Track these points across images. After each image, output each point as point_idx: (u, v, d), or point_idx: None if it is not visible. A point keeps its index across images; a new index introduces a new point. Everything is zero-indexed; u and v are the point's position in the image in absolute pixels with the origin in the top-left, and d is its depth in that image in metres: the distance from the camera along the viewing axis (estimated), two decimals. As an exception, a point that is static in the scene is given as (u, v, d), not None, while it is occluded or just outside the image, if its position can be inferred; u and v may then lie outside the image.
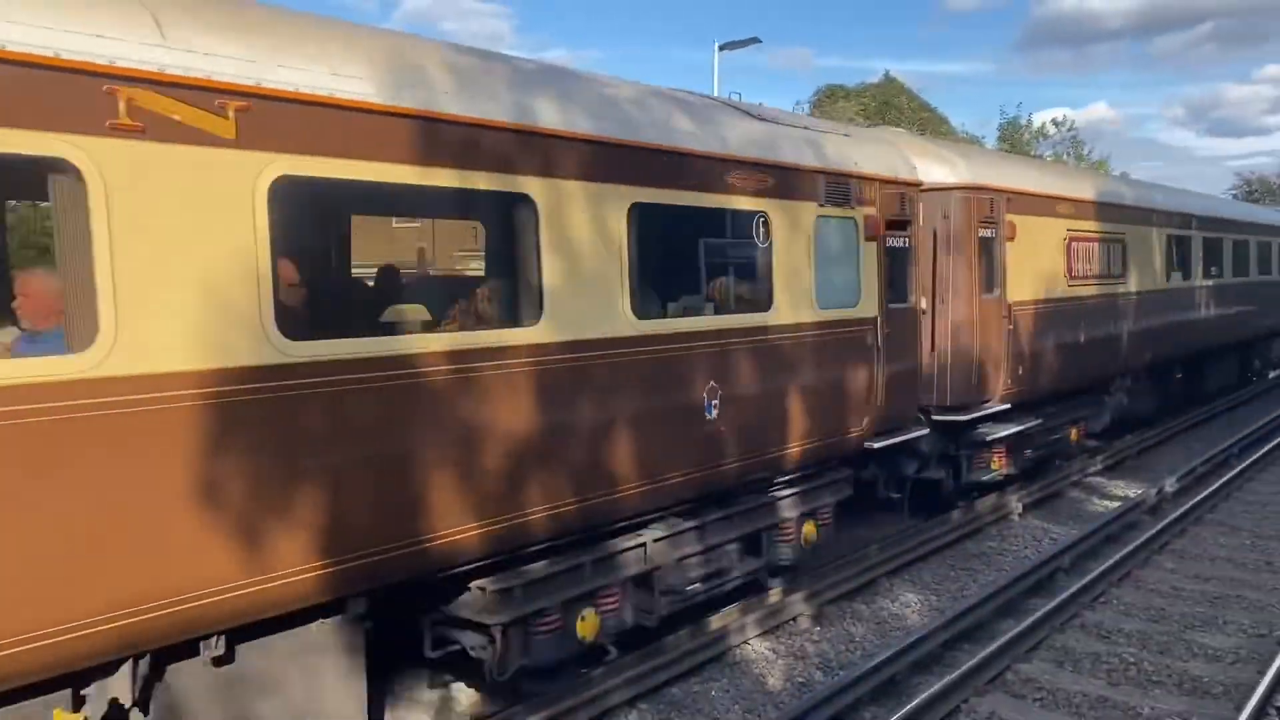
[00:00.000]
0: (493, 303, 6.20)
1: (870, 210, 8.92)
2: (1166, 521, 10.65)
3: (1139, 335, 14.51)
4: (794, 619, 8.24)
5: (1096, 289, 13.36)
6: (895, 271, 9.44)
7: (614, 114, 6.60)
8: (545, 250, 5.87)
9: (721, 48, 23.20)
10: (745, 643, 7.75)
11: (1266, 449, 14.46)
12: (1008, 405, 11.11)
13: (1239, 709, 6.33)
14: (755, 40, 23.09)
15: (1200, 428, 17.15)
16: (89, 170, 4.05)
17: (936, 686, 6.57)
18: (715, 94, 14.09)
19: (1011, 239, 11.10)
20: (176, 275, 4.32)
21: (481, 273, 8.55)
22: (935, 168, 10.47)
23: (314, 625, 5.10)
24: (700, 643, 7.45)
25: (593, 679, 6.85)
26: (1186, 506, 11.27)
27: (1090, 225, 13.16)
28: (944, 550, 10.20)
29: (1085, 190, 13.58)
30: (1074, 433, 13.29)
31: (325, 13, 6.25)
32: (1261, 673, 6.88)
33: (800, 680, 7.23)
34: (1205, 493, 11.89)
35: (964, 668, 6.86)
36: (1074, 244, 12.72)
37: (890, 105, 29.88)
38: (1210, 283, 17.60)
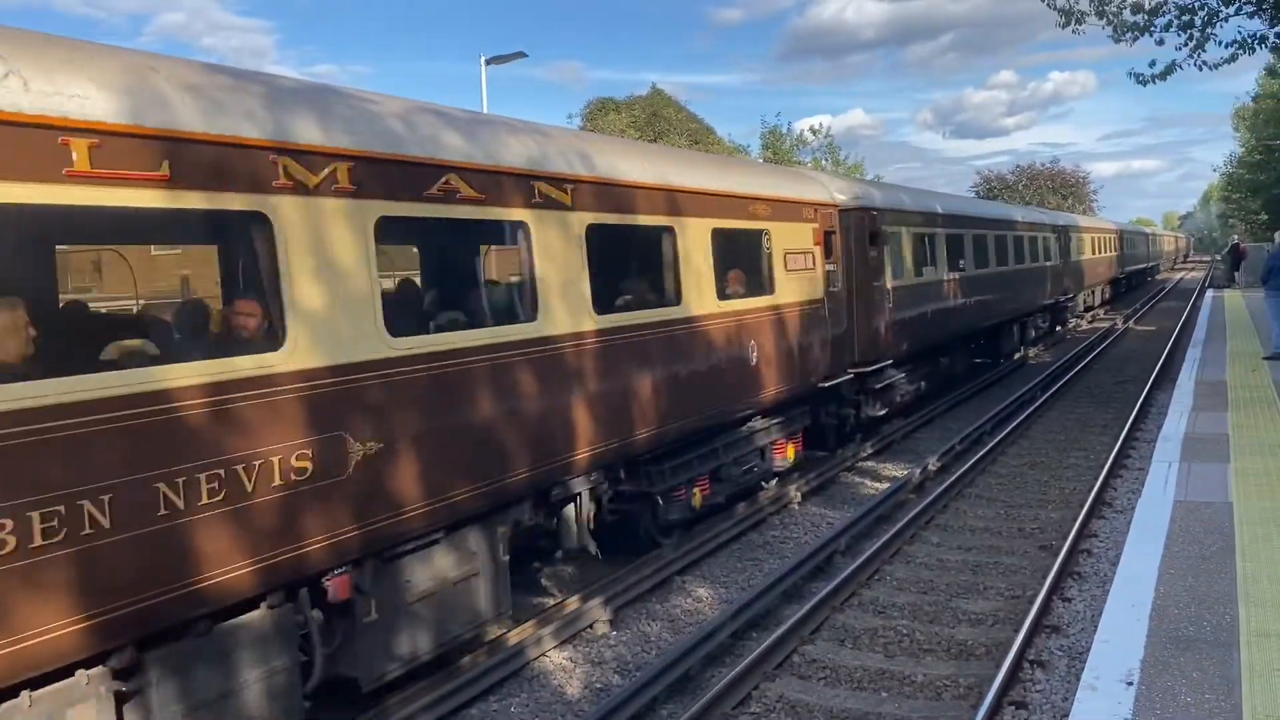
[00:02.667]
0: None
1: (815, 224, 12.46)
2: (930, 499, 11.43)
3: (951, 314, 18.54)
4: (590, 626, 8.30)
5: (932, 279, 17.67)
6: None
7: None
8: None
9: (488, 62, 23.15)
10: (543, 655, 7.74)
11: (1013, 425, 15.75)
12: (889, 361, 14.95)
13: (998, 666, 6.87)
14: (521, 55, 23.16)
15: (957, 409, 18.49)
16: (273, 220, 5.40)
17: (728, 677, 6.79)
18: (484, 108, 13.96)
19: (886, 242, 14.95)
20: (322, 294, 5.65)
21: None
22: (840, 195, 14.03)
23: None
24: (497, 660, 7.39)
25: (388, 707, 6.68)
26: (947, 483, 12.13)
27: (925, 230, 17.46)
28: (731, 543, 10.54)
29: (932, 203, 18.78)
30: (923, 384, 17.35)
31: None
32: (1017, 630, 7.49)
33: (599, 686, 7.30)
34: (963, 469, 12.84)
35: (752, 656, 7.12)
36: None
37: (659, 117, 30.65)
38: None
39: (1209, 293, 38.02)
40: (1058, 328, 30.71)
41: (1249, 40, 18.98)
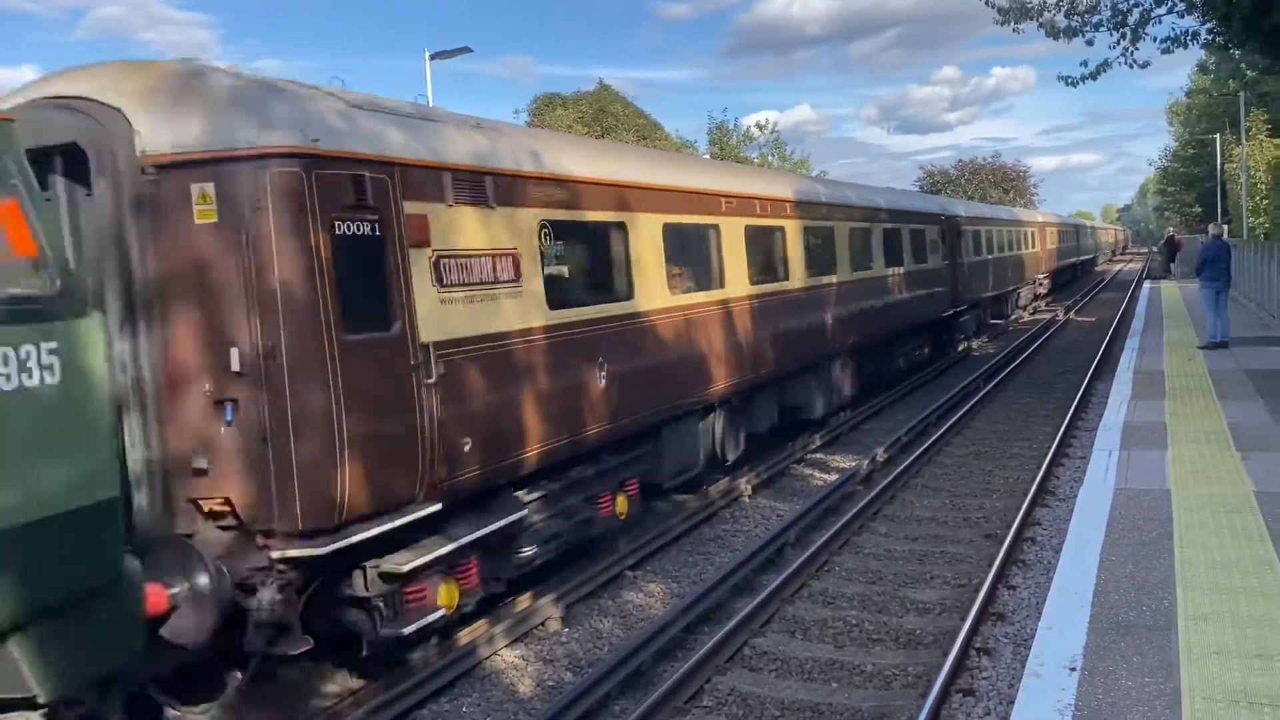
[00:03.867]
0: None
1: None
2: (878, 490, 11.56)
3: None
4: (542, 623, 8.27)
5: (1055, 245, 25.06)
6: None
7: None
8: None
9: (433, 57, 22.94)
10: (495, 654, 7.71)
11: (958, 416, 15.99)
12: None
13: (945, 654, 6.96)
14: (466, 50, 22.96)
15: (904, 400, 18.71)
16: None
17: (679, 672, 6.81)
18: (430, 104, 13.93)
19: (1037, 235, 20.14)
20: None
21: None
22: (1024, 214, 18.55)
23: None
24: (449, 660, 7.34)
25: (339, 710, 6.61)
26: (894, 474, 12.28)
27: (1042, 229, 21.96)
28: (682, 538, 10.57)
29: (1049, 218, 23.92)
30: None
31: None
32: (963, 619, 7.60)
33: (551, 684, 7.28)
34: (910, 460, 13.00)
35: (703, 650, 7.15)
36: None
37: (606, 113, 30.61)
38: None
39: (1146, 284, 38.89)
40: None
41: (1181, 37, 19.43)
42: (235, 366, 6.00)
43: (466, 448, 7.13)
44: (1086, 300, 42.54)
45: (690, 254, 11.25)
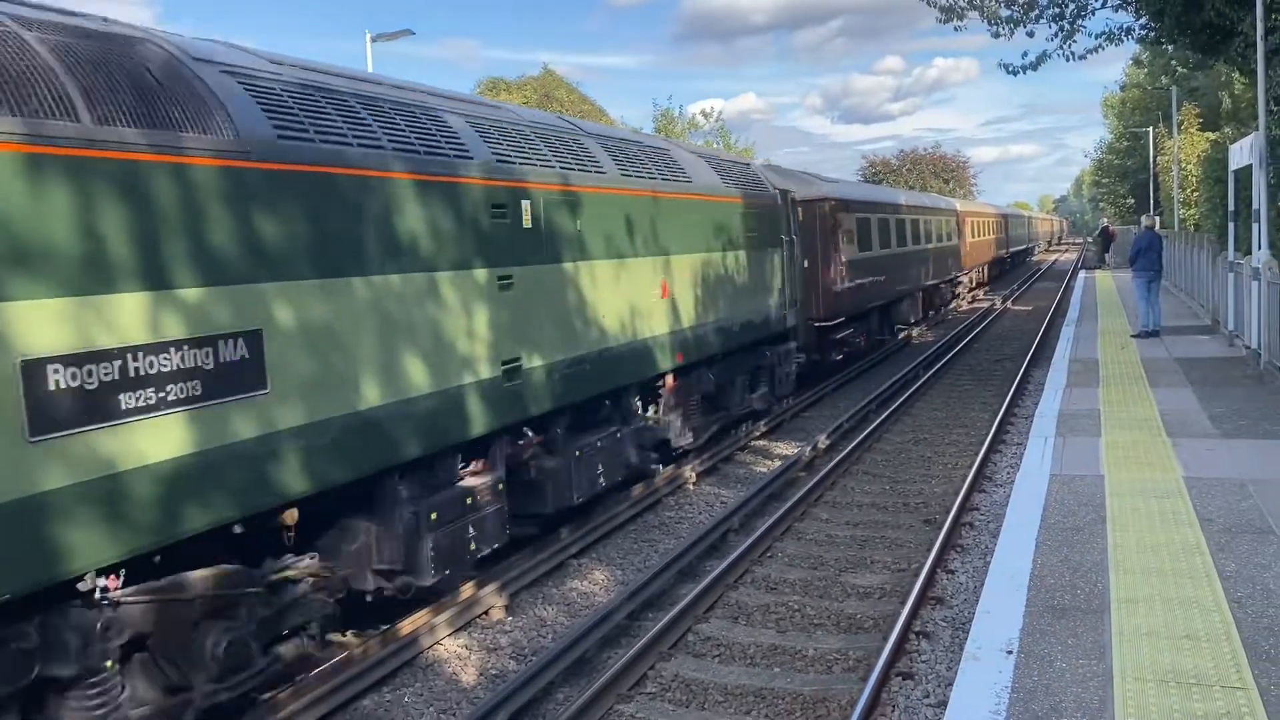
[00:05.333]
0: None
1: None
2: (819, 476, 11.67)
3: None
4: (486, 612, 8.23)
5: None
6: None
7: None
8: None
9: (374, 39, 22.62)
10: (437, 644, 7.65)
11: (898, 403, 16.20)
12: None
13: (885, 638, 7.06)
14: (409, 32, 22.66)
15: (845, 387, 18.91)
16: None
17: (623, 659, 6.82)
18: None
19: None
20: None
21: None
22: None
23: None
24: (390, 650, 7.27)
25: (279, 702, 6.51)
26: (836, 460, 12.41)
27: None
28: (627, 525, 10.59)
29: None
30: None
31: None
32: (903, 603, 7.71)
33: (494, 673, 7.25)
34: (851, 446, 13.14)
35: (647, 637, 7.16)
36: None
37: (551, 98, 30.43)
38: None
39: (1081, 274, 39.69)
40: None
41: (1116, 32, 19.84)
42: None
43: None
44: (1023, 289, 43.32)
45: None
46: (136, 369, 5.11)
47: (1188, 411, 10.67)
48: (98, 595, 5.06)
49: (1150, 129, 47.56)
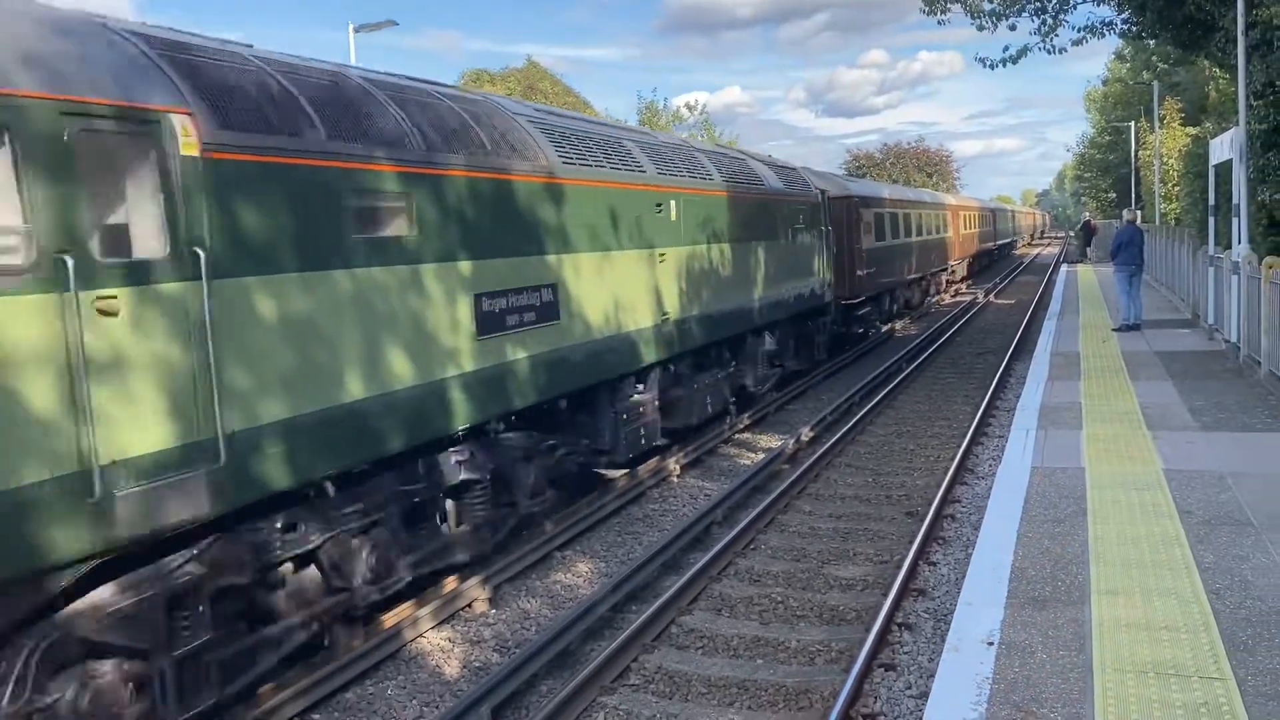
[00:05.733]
0: None
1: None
2: (803, 469, 11.70)
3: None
4: (469, 605, 8.23)
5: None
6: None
7: None
8: None
9: (357, 29, 22.52)
10: (420, 636, 7.64)
11: (881, 396, 16.25)
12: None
13: (868, 630, 7.09)
14: (392, 23, 22.62)
15: (829, 380, 18.96)
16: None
17: (606, 651, 6.83)
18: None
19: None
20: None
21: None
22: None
23: None
24: (373, 644, 7.25)
25: (261, 694, 6.49)
26: (819, 453, 12.44)
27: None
28: (611, 518, 10.59)
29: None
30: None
31: None
32: (885, 595, 7.75)
33: (478, 665, 7.25)
34: (834, 439, 13.18)
35: (630, 629, 7.17)
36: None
37: (535, 90, 30.32)
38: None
39: (1063, 267, 39.90)
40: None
41: (1098, 26, 19.95)
42: None
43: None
44: (1006, 283, 43.52)
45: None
46: (512, 303, 8.55)
47: (1168, 405, 10.75)
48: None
49: (1132, 123, 47.79)
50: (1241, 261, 13.25)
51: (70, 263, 4.88)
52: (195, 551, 5.71)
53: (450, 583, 8.55)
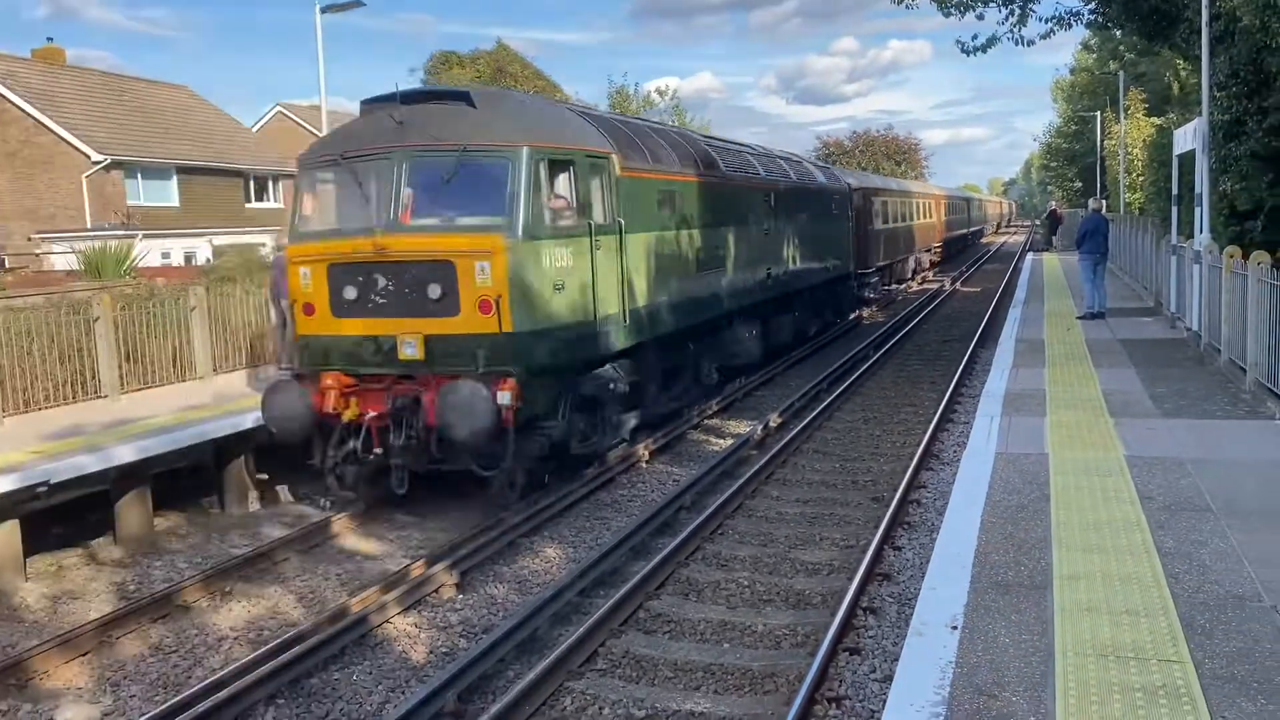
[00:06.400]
0: None
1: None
2: (771, 454, 11.75)
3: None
4: (436, 590, 8.21)
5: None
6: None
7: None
8: None
9: (324, 10, 22.20)
10: (387, 622, 7.61)
11: (849, 382, 16.34)
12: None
13: (833, 614, 7.14)
14: (359, 3, 22.27)
15: (797, 367, 19.04)
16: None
17: (574, 636, 6.83)
18: (320, 59, 13.65)
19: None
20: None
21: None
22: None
23: None
24: (339, 628, 7.22)
25: (223, 680, 6.45)
26: (787, 439, 12.50)
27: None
28: (580, 503, 10.59)
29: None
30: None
31: None
32: (851, 579, 7.80)
33: (444, 650, 7.23)
34: (802, 425, 13.25)
35: (598, 614, 7.18)
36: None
37: (504, 73, 30.07)
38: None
39: (1029, 256, 40.26)
40: None
41: (1065, 17, 20.08)
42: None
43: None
44: (972, 270, 43.85)
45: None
46: (710, 254, 14.49)
47: (1130, 392, 10.88)
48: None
49: (1098, 113, 48.27)
50: (1203, 251, 13.42)
51: (590, 224, 10.48)
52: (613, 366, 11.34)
53: (417, 568, 8.53)
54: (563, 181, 10.26)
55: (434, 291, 9.39)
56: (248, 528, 10.55)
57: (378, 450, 9.56)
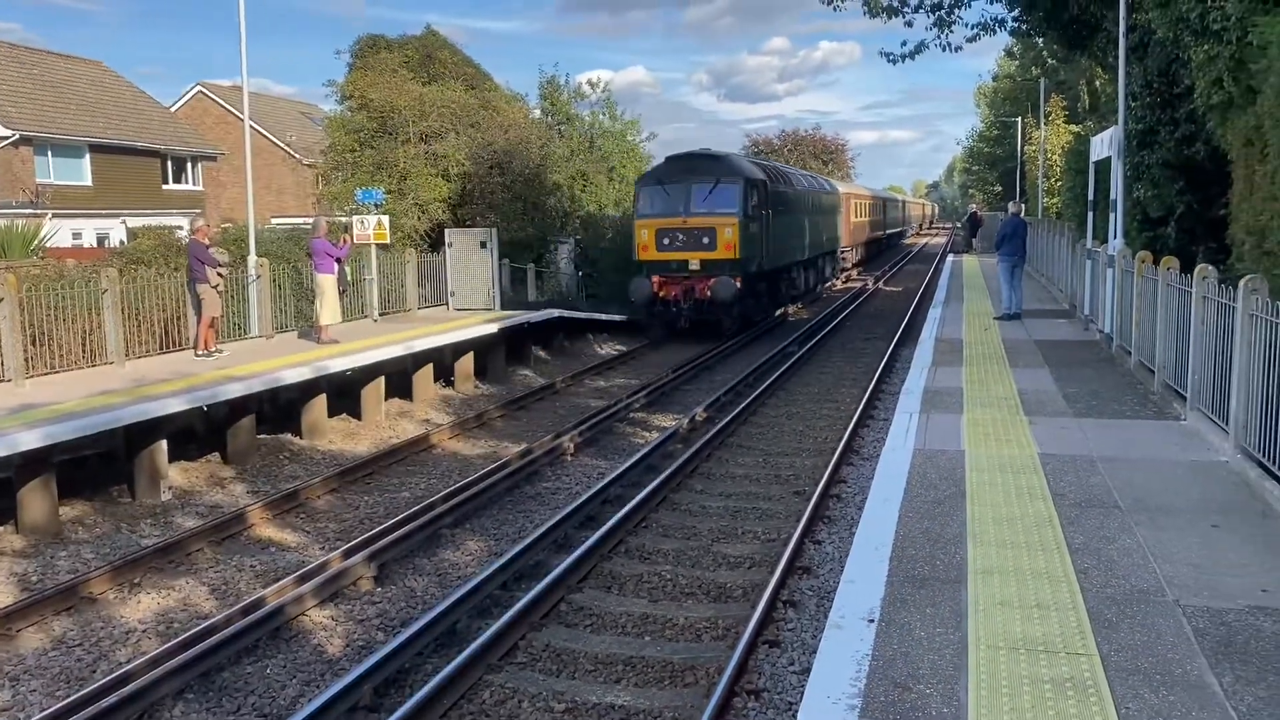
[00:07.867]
0: None
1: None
2: (695, 448, 11.80)
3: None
4: (354, 583, 8.07)
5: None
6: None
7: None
8: None
9: (249, -13, 21.65)
10: (302, 614, 7.46)
11: (773, 378, 16.49)
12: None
13: (754, 607, 7.19)
14: (287, -18, 21.91)
15: (723, 361, 19.15)
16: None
17: (492, 629, 6.77)
18: (242, 39, 13.34)
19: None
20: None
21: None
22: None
23: None
24: (250, 621, 7.05)
25: (132, 674, 6.26)
26: (711, 433, 12.56)
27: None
28: (503, 496, 10.51)
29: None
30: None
31: None
32: (772, 573, 7.87)
33: (361, 643, 7.11)
34: (726, 419, 13.33)
35: (517, 607, 7.13)
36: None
37: (433, 59, 29.64)
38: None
39: (950, 257, 41.08)
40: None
41: (991, 23, 20.50)
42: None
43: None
44: (895, 270, 44.62)
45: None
46: (812, 234, 30.83)
47: (1044, 391, 11.15)
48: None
49: (1020, 119, 49.42)
50: (1117, 255, 13.80)
51: (763, 213, 23.94)
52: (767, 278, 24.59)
53: (333, 560, 8.38)
54: (753, 194, 22.16)
55: (706, 240, 21.25)
56: (159, 517, 10.26)
57: (676, 308, 21.59)
